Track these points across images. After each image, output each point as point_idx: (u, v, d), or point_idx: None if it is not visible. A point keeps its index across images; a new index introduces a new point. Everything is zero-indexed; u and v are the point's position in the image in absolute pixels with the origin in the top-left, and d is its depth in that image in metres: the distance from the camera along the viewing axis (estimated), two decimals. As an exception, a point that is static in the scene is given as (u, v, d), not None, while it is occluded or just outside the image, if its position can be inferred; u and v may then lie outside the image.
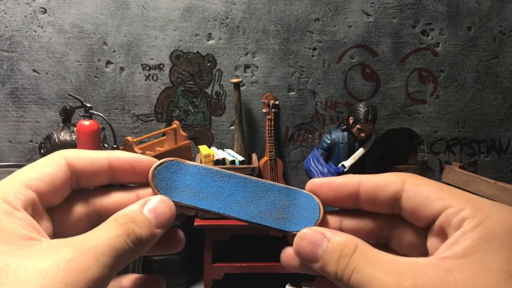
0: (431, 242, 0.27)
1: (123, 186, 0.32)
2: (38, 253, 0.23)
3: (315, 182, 0.32)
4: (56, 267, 0.22)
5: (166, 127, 2.18)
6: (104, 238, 0.25)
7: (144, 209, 0.29)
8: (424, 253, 0.28)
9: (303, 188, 0.34)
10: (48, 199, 0.28)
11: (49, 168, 0.28)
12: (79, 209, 0.30)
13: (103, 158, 0.30)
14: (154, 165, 0.31)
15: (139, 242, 0.27)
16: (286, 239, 0.35)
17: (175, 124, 2.08)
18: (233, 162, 2.00)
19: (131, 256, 0.26)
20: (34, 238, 0.24)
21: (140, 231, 0.27)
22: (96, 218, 0.30)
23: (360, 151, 1.98)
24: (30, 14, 2.05)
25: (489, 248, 0.23)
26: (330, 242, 0.27)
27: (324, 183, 0.32)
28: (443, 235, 0.26)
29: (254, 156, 2.15)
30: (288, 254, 0.31)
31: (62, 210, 0.30)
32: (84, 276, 0.23)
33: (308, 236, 0.29)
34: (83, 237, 0.25)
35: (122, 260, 0.25)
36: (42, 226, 0.26)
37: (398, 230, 0.30)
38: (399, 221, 0.29)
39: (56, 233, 0.29)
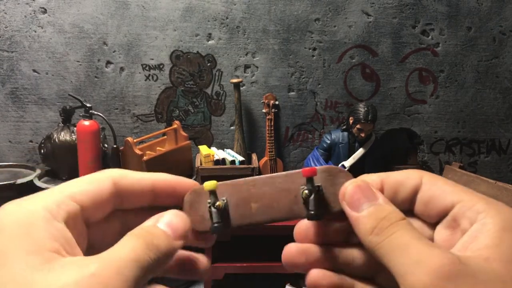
0: (441, 234, 0.28)
1: (163, 208, 0.32)
2: (61, 267, 0.23)
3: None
4: (77, 283, 0.22)
5: (166, 127, 2.18)
6: (125, 251, 0.25)
7: (159, 223, 0.29)
8: None
9: None
10: (90, 214, 0.28)
11: (94, 184, 0.28)
12: (117, 228, 0.31)
13: (148, 179, 0.30)
14: (191, 190, 0.32)
15: (160, 253, 0.26)
16: (286, 239, 0.34)
17: (176, 124, 2.08)
18: (233, 162, 2.00)
19: (154, 268, 0.26)
20: (62, 253, 0.24)
21: (159, 241, 0.27)
22: None
23: (360, 151, 1.98)
24: (30, 14, 2.05)
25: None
26: (380, 202, 0.27)
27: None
28: (455, 227, 0.26)
29: (254, 156, 2.15)
30: (291, 250, 0.31)
31: (100, 227, 0.30)
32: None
33: (362, 187, 0.28)
34: (105, 252, 0.25)
35: (145, 273, 0.25)
36: (78, 241, 0.26)
37: None
38: (410, 217, 0.30)
39: (90, 249, 0.29)
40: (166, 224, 0.29)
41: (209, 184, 0.31)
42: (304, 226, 0.32)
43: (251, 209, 0.31)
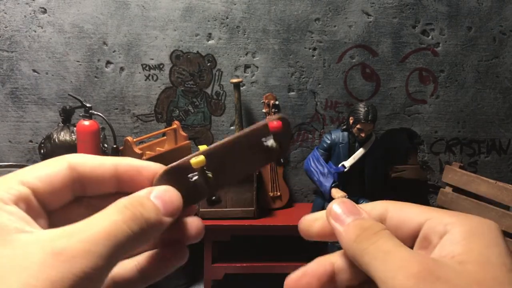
0: None
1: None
2: (25, 247, 0.22)
3: (307, 219, 0.32)
4: (41, 263, 0.21)
5: (166, 127, 2.17)
6: (101, 225, 0.24)
7: (151, 195, 0.27)
8: None
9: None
10: (45, 199, 0.27)
11: (48, 169, 0.27)
12: (82, 216, 0.29)
13: (109, 164, 0.29)
14: (162, 171, 0.31)
15: (146, 226, 0.25)
16: (286, 239, 0.35)
17: (175, 124, 2.08)
18: (233, 162, 1.99)
19: (135, 243, 0.25)
20: (23, 230, 0.23)
21: (148, 214, 0.26)
22: None
23: (360, 151, 1.98)
24: (30, 14, 2.05)
25: (482, 244, 0.25)
26: (364, 216, 0.28)
27: (313, 219, 0.32)
28: (427, 245, 0.27)
29: (254, 156, 2.14)
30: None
31: (64, 216, 0.28)
32: (72, 271, 0.22)
33: (347, 204, 0.29)
34: (78, 225, 0.24)
35: (123, 249, 0.24)
36: (38, 223, 0.25)
37: None
38: None
39: None
40: (158, 197, 0.28)
41: (198, 160, 0.31)
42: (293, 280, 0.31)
43: (229, 170, 0.33)
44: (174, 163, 0.31)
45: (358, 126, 1.91)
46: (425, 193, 2.38)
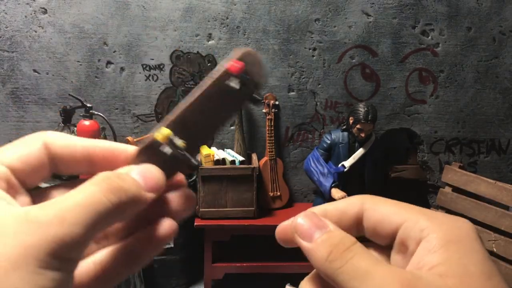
0: (395, 260, 0.28)
1: None
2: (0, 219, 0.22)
3: (283, 226, 0.31)
4: (15, 230, 0.21)
5: (166, 127, 2.18)
6: (78, 196, 0.24)
7: (131, 172, 0.27)
8: None
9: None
10: (25, 177, 0.27)
11: (24, 147, 0.27)
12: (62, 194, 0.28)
13: (81, 145, 0.29)
14: (136, 152, 0.30)
15: (126, 198, 0.25)
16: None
17: (175, 124, 2.08)
18: (233, 162, 2.00)
19: (115, 215, 0.25)
20: (2, 205, 0.23)
21: (127, 186, 0.25)
22: None
23: (360, 151, 1.98)
24: (31, 14, 2.05)
25: (460, 252, 0.24)
26: (331, 229, 0.27)
27: (290, 225, 0.30)
28: (405, 251, 0.27)
29: (254, 156, 2.15)
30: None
31: (44, 195, 0.29)
32: (46, 237, 0.21)
33: (311, 217, 0.28)
34: (54, 199, 0.24)
35: (101, 218, 0.24)
36: (18, 201, 0.25)
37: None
38: (364, 243, 0.30)
39: None
40: (139, 173, 0.27)
41: (162, 133, 0.30)
42: None
43: (202, 129, 0.32)
44: (145, 142, 0.31)
45: (358, 126, 1.91)
46: (424, 193, 2.38)
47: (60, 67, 2.11)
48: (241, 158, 2.02)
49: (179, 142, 0.31)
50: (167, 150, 0.30)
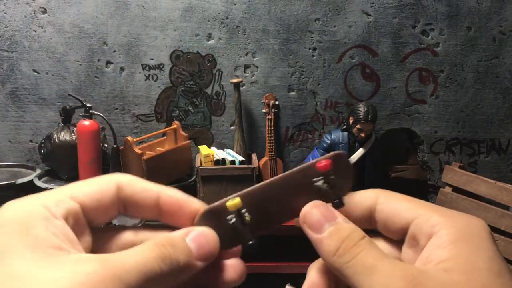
0: (406, 254, 0.28)
1: (170, 228, 0.30)
2: (60, 263, 0.23)
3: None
4: (72, 278, 0.22)
5: (166, 127, 2.18)
6: (133, 257, 0.24)
7: (187, 237, 0.28)
8: None
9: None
10: (93, 215, 0.27)
11: (97, 186, 0.28)
12: (126, 237, 0.30)
13: (153, 190, 0.29)
14: (202, 211, 0.30)
15: (175, 266, 0.26)
16: (287, 239, 0.34)
17: (175, 124, 2.08)
18: (233, 162, 2.00)
19: (163, 281, 0.25)
20: (63, 249, 0.24)
21: (178, 256, 0.26)
22: None
23: (360, 151, 1.98)
24: (30, 14, 2.05)
25: (469, 249, 0.24)
26: (340, 221, 0.28)
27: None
28: (415, 245, 0.27)
29: (254, 156, 2.15)
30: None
31: (109, 233, 0.29)
32: None
33: (320, 207, 0.28)
34: (113, 254, 0.25)
35: (150, 284, 0.24)
36: (81, 240, 0.26)
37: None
38: (376, 236, 0.30)
39: (96, 252, 0.28)
40: (193, 240, 0.27)
41: (234, 203, 0.30)
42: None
43: (272, 213, 0.31)
44: (213, 204, 0.31)
45: (358, 126, 1.91)
46: (425, 193, 2.38)
47: (59, 67, 2.11)
48: (241, 158, 2.02)
49: (246, 215, 0.30)
50: (231, 219, 0.30)
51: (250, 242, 0.30)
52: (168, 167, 1.95)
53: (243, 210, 0.30)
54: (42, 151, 1.97)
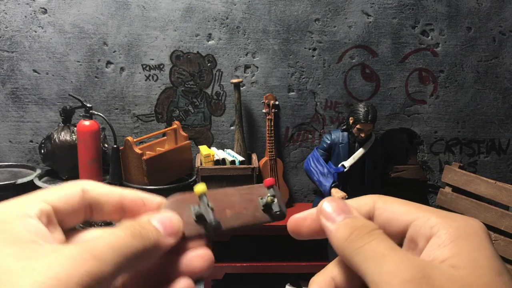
0: None
1: None
2: (36, 253, 0.24)
3: (295, 218, 0.33)
4: (49, 264, 0.23)
5: (166, 127, 2.18)
6: (107, 237, 0.26)
7: (152, 219, 0.30)
8: None
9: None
10: (63, 216, 0.30)
11: (65, 190, 0.30)
12: (96, 234, 0.32)
13: (116, 192, 0.32)
14: (166, 201, 0.33)
15: (146, 242, 0.27)
16: (286, 239, 0.35)
17: (176, 124, 2.08)
18: (233, 162, 2.00)
19: (138, 258, 0.27)
20: (38, 243, 0.26)
21: (147, 233, 0.28)
22: None
23: (360, 151, 1.98)
24: (31, 14, 2.05)
25: (470, 247, 0.25)
26: (355, 215, 0.29)
27: (303, 218, 0.33)
28: (414, 247, 0.27)
29: (254, 156, 2.15)
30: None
31: (80, 232, 0.31)
32: (79, 272, 0.23)
33: (337, 201, 0.30)
34: (88, 239, 0.26)
35: (127, 261, 0.26)
36: (54, 238, 0.28)
37: None
38: None
39: None
40: (158, 221, 0.30)
41: (201, 187, 0.33)
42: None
43: (227, 215, 0.34)
44: (176, 194, 0.33)
45: (358, 126, 1.92)
46: (425, 193, 2.38)
47: (60, 67, 2.11)
48: (241, 158, 2.02)
49: (211, 206, 0.33)
50: (198, 209, 0.33)
51: (212, 223, 0.33)
52: (168, 167, 1.95)
53: (207, 200, 0.33)
54: (42, 151, 1.97)
